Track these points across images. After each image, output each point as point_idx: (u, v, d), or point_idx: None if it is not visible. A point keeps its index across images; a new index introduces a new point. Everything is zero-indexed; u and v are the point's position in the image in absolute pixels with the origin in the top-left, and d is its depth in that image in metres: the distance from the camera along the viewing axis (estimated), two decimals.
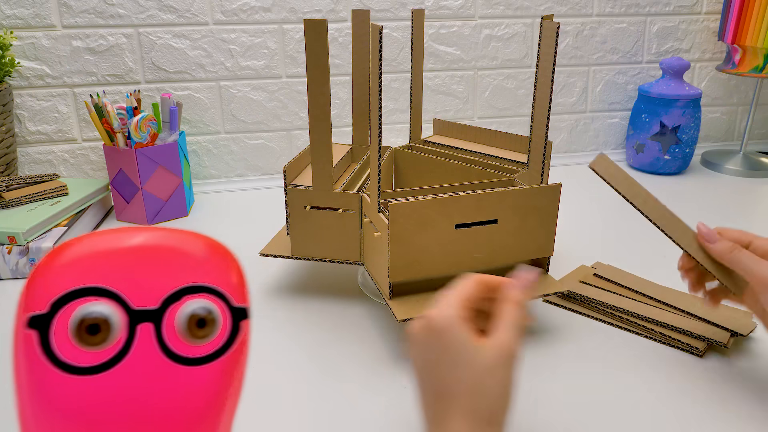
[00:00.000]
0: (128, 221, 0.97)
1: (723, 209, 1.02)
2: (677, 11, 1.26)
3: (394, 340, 0.65)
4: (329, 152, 0.65)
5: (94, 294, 0.23)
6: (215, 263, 0.27)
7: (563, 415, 0.54)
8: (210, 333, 0.25)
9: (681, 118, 1.15)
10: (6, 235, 0.78)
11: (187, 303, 0.25)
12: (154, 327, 0.24)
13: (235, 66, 1.10)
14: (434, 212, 0.60)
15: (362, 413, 0.55)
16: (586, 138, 1.31)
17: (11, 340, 0.24)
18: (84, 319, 0.23)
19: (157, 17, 1.05)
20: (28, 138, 1.07)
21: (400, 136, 1.21)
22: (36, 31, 1.01)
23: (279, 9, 1.08)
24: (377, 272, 0.65)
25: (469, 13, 1.16)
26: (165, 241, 0.26)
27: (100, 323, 0.23)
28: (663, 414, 0.54)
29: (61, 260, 0.24)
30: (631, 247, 0.87)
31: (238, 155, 1.16)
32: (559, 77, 1.25)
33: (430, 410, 0.41)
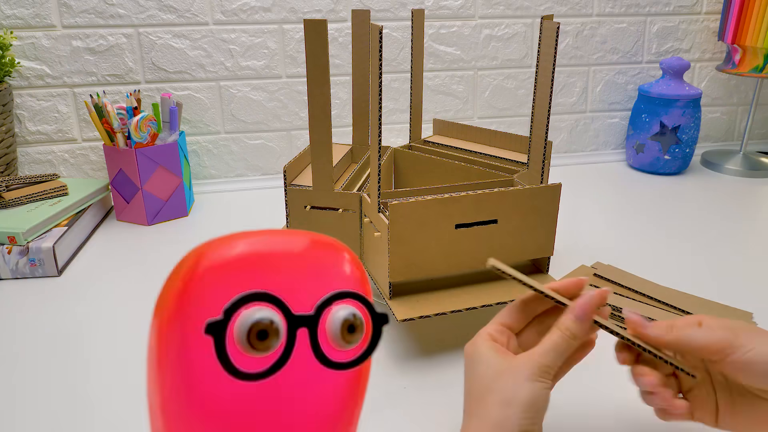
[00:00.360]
0: (128, 221, 0.97)
1: (723, 209, 1.02)
2: (677, 11, 1.26)
3: (394, 340, 0.65)
4: (329, 152, 0.65)
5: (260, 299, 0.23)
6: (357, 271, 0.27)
7: (563, 415, 0.54)
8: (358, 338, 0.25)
9: (681, 118, 1.15)
10: (6, 235, 0.78)
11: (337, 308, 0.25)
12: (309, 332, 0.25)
13: (235, 66, 1.10)
14: (434, 212, 0.60)
15: (362, 413, 0.55)
16: (586, 138, 1.31)
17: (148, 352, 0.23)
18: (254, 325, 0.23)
19: (157, 17, 1.05)
20: (28, 138, 1.07)
21: (400, 136, 1.21)
22: (36, 31, 1.01)
23: (279, 9, 1.08)
24: (377, 272, 0.65)
25: (469, 13, 1.16)
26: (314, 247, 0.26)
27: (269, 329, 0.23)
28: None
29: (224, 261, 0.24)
30: (631, 247, 0.87)
31: (238, 155, 1.16)
32: (559, 77, 1.25)
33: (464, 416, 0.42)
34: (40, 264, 0.79)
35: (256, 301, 0.23)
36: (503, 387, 0.40)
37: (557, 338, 0.42)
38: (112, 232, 0.94)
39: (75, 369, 0.61)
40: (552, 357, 0.41)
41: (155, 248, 0.88)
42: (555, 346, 0.41)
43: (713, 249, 0.86)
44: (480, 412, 0.40)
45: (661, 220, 0.97)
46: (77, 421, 0.54)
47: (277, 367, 0.24)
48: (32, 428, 0.53)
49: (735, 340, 0.40)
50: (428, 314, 0.59)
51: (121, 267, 0.83)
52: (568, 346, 0.42)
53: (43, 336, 0.67)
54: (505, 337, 0.45)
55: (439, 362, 0.61)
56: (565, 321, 0.43)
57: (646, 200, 1.06)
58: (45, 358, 0.63)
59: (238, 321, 0.23)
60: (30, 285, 0.78)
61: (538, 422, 0.39)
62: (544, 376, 0.40)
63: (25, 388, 0.58)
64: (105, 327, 0.69)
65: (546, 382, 0.40)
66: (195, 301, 0.23)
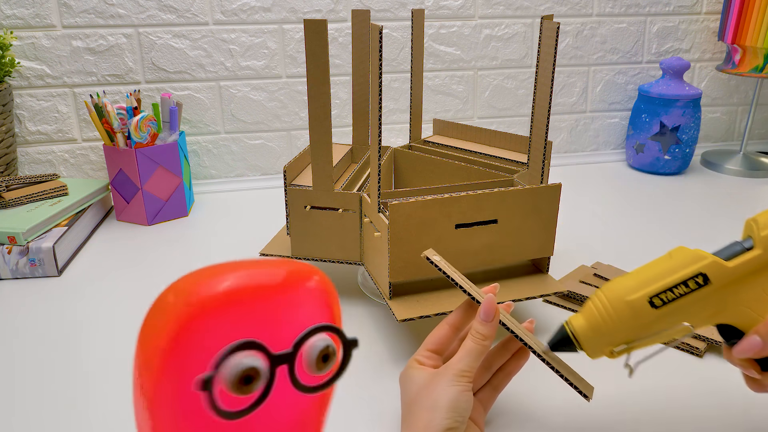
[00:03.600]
0: (128, 221, 0.97)
1: (723, 209, 1.02)
2: (677, 11, 1.26)
3: (394, 340, 0.65)
4: (329, 152, 0.65)
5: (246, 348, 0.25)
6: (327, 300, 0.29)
7: (563, 414, 0.54)
8: (331, 365, 0.28)
9: (681, 118, 1.15)
10: (6, 235, 0.78)
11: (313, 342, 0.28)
12: (288, 367, 0.27)
13: (235, 66, 1.10)
14: (434, 212, 0.60)
15: (362, 413, 0.55)
16: (586, 138, 1.31)
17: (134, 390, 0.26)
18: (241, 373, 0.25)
19: (157, 17, 1.05)
20: (28, 138, 1.07)
21: (400, 136, 1.21)
22: (36, 31, 1.01)
23: (279, 9, 1.08)
24: (377, 272, 0.65)
25: (469, 13, 1.16)
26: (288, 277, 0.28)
27: (252, 374, 0.25)
28: (663, 414, 0.54)
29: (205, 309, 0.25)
30: (631, 247, 0.87)
31: (238, 155, 1.16)
32: (559, 77, 1.25)
33: None
34: (40, 264, 0.79)
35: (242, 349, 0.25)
36: (428, 395, 0.45)
37: (469, 343, 0.46)
38: (112, 232, 0.94)
39: (75, 369, 0.61)
40: (467, 361, 0.46)
41: (155, 248, 0.88)
42: (469, 351, 0.46)
43: (713, 249, 0.86)
44: (411, 420, 0.45)
45: (661, 220, 0.97)
46: (77, 421, 0.54)
47: (258, 403, 0.26)
48: (32, 428, 0.53)
49: None
50: (428, 314, 0.59)
51: (121, 267, 0.83)
52: (481, 348, 0.46)
53: (43, 336, 0.67)
54: (432, 361, 0.49)
55: None
56: (475, 325, 0.47)
57: (646, 200, 1.06)
58: (45, 358, 0.63)
59: (225, 370, 0.25)
60: (30, 285, 0.78)
61: (461, 421, 0.44)
62: (462, 380, 0.45)
63: (25, 387, 0.58)
64: (105, 327, 0.69)
65: (465, 385, 0.45)
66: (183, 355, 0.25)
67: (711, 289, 0.43)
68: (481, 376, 0.51)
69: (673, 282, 0.44)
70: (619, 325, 0.44)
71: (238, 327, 0.26)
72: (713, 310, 0.44)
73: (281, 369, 0.27)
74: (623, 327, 0.44)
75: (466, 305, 0.51)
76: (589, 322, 0.46)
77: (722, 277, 0.43)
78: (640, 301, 0.44)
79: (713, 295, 0.43)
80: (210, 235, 0.92)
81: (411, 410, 0.46)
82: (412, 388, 0.47)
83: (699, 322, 0.44)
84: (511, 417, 0.54)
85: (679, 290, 0.43)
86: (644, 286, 0.44)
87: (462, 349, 0.47)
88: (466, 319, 0.51)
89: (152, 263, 0.84)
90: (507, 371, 0.52)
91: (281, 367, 0.27)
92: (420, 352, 0.50)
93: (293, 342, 0.27)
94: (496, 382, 0.52)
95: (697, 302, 0.43)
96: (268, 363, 0.26)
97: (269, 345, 0.26)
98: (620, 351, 0.45)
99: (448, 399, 0.44)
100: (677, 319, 0.44)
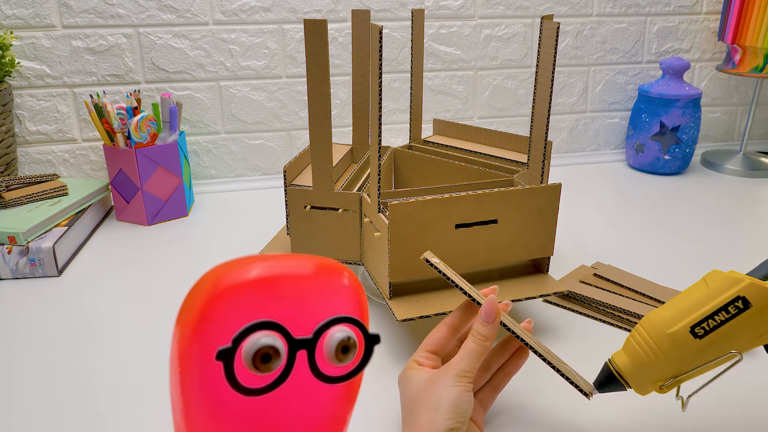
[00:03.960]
0: (128, 221, 0.97)
1: (723, 209, 1.02)
2: (677, 11, 1.26)
3: (394, 340, 0.65)
4: (329, 152, 0.65)
5: (266, 328, 0.27)
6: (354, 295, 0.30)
7: (563, 414, 0.54)
8: (350, 357, 0.29)
9: (681, 118, 1.15)
10: (6, 235, 0.78)
11: (334, 332, 0.29)
12: (308, 353, 0.29)
13: (235, 66, 1.10)
14: (434, 212, 0.60)
15: (362, 413, 0.55)
16: (586, 138, 1.31)
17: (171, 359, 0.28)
18: (260, 350, 0.27)
19: (157, 17, 1.05)
20: (28, 138, 1.07)
21: (400, 136, 1.21)
22: (36, 31, 1.01)
23: (279, 9, 1.08)
24: (377, 272, 0.65)
25: (469, 13, 1.16)
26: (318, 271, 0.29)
27: (271, 353, 0.27)
28: (663, 414, 0.54)
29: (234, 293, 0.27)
30: (631, 247, 0.87)
31: (238, 155, 1.16)
32: (559, 77, 1.25)
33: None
34: (40, 264, 0.79)
35: (262, 329, 0.27)
36: (429, 395, 0.45)
37: (470, 343, 0.46)
38: (112, 232, 0.94)
39: (75, 369, 0.61)
40: (468, 362, 0.46)
41: (155, 248, 0.88)
42: (469, 352, 0.46)
43: (713, 249, 0.86)
44: (413, 420, 0.45)
45: (661, 220, 0.97)
46: (77, 421, 0.54)
47: (277, 383, 0.28)
48: (32, 428, 0.53)
49: None
50: (428, 314, 0.59)
51: (121, 267, 0.83)
52: (482, 348, 0.46)
53: (43, 336, 0.67)
54: (431, 362, 0.49)
55: None
56: (475, 326, 0.47)
57: (646, 200, 1.06)
58: (45, 358, 0.63)
59: (245, 346, 0.27)
60: (30, 285, 0.78)
61: (463, 421, 0.44)
62: (463, 380, 0.45)
63: (25, 387, 0.58)
64: (105, 327, 0.69)
65: (466, 386, 0.45)
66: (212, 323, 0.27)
67: (752, 311, 0.42)
68: (480, 377, 0.51)
69: (713, 309, 0.43)
70: (664, 359, 0.44)
71: (263, 311, 0.28)
72: (759, 332, 0.43)
73: (301, 354, 0.28)
74: (668, 360, 0.44)
75: (465, 307, 0.51)
76: (632, 358, 0.45)
77: (761, 297, 0.42)
78: (682, 332, 0.43)
79: (755, 316, 0.42)
80: (210, 235, 0.92)
81: (412, 411, 0.46)
82: (412, 389, 0.47)
83: (745, 345, 0.43)
84: (510, 417, 0.54)
85: (720, 317, 0.43)
86: (684, 316, 0.44)
87: (462, 349, 0.47)
88: (465, 320, 0.51)
89: (152, 263, 0.84)
90: (506, 371, 0.52)
91: (301, 353, 0.28)
92: (419, 353, 0.50)
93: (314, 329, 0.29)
94: (496, 382, 0.52)
95: (740, 325, 0.42)
96: (288, 346, 0.28)
97: (292, 330, 0.28)
98: (669, 385, 0.45)
99: (450, 399, 0.44)
100: (722, 345, 0.43)
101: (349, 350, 0.29)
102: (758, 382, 0.58)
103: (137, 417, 0.54)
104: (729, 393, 0.56)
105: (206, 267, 0.84)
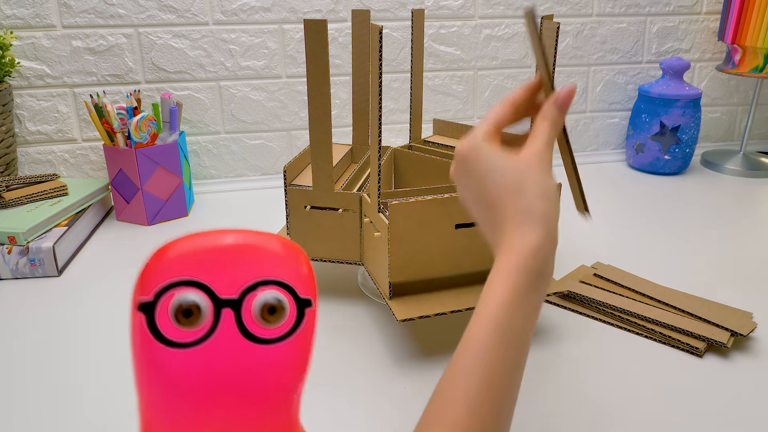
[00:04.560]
0: (128, 221, 0.97)
1: (723, 209, 1.02)
2: (677, 11, 1.26)
3: (394, 340, 0.65)
4: (329, 152, 0.65)
5: (188, 285, 0.29)
6: (287, 260, 0.32)
7: (563, 414, 0.54)
8: (279, 318, 0.30)
9: (681, 118, 1.15)
10: (6, 235, 0.78)
11: (261, 293, 0.30)
12: (234, 312, 0.30)
13: (235, 66, 1.10)
14: (434, 212, 0.60)
15: (363, 414, 0.55)
16: (586, 138, 1.31)
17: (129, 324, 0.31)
18: (180, 305, 0.29)
19: (157, 17, 1.05)
20: (28, 138, 1.07)
21: (400, 136, 1.21)
22: (36, 31, 1.01)
23: (279, 9, 1.08)
24: (377, 272, 0.65)
25: (469, 13, 1.16)
26: (245, 240, 0.31)
27: (193, 308, 0.29)
28: (663, 414, 0.54)
29: (164, 256, 0.30)
30: (631, 247, 0.87)
31: (238, 155, 1.16)
32: (559, 77, 1.25)
33: (488, 225, 0.45)
34: (40, 264, 0.79)
35: (184, 286, 0.29)
36: (535, 183, 0.42)
37: (549, 130, 0.45)
38: (112, 232, 0.94)
39: (75, 369, 0.61)
40: (551, 149, 0.44)
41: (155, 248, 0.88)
42: (549, 139, 0.44)
43: (713, 249, 0.86)
44: (520, 206, 0.42)
45: (661, 220, 0.97)
46: (77, 421, 0.54)
47: (204, 338, 0.30)
48: (32, 428, 0.53)
49: None
50: (428, 314, 0.59)
51: (121, 267, 0.83)
52: (555, 135, 0.45)
53: (43, 336, 0.67)
54: (498, 137, 0.46)
55: (440, 362, 0.61)
56: (552, 112, 0.45)
57: (646, 200, 1.06)
58: (45, 358, 0.63)
59: (171, 302, 0.29)
60: (30, 285, 0.78)
61: None
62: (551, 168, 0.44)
63: (25, 387, 0.58)
64: (105, 327, 0.69)
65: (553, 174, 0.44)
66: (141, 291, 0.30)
67: None
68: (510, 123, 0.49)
69: None
70: None
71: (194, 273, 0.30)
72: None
73: (227, 313, 0.30)
74: None
75: (530, 88, 0.48)
76: None
77: None
78: None
79: None
80: None
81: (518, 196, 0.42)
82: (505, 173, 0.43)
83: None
84: None
85: None
86: None
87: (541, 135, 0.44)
88: (528, 100, 0.48)
89: None
90: None
91: (227, 311, 0.30)
92: (487, 126, 0.46)
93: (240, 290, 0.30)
94: None
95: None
96: (212, 304, 0.30)
97: (221, 292, 0.30)
98: None
99: (555, 187, 0.43)
100: None
101: (276, 311, 0.30)
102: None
103: (136, 415, 0.54)
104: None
105: None
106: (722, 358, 0.61)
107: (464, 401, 0.37)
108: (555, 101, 0.45)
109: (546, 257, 0.41)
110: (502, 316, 0.39)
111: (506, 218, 0.43)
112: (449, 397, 0.38)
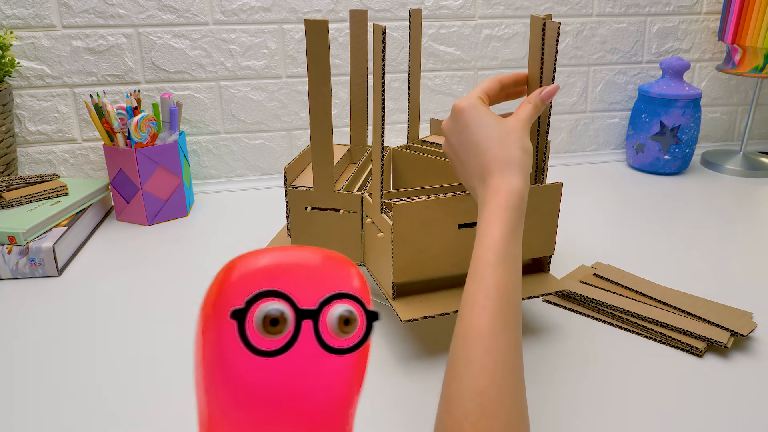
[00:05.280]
0: (128, 221, 0.97)
1: (723, 209, 1.02)
2: (677, 11, 1.26)
3: (397, 340, 0.65)
4: (330, 152, 0.65)
5: (274, 296, 0.31)
6: (355, 277, 0.35)
7: (563, 414, 0.54)
8: (351, 330, 0.32)
9: (681, 118, 1.15)
10: (6, 235, 0.78)
11: (336, 306, 0.32)
12: (313, 323, 0.32)
13: (235, 66, 1.10)
14: (437, 212, 0.60)
15: (363, 414, 0.55)
16: (586, 138, 1.31)
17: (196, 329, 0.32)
18: (267, 314, 0.30)
19: (157, 17, 1.05)
20: (28, 138, 1.07)
21: (399, 136, 1.21)
22: (36, 31, 1.01)
23: (279, 9, 1.08)
24: (380, 273, 0.65)
25: (469, 13, 1.16)
26: (322, 259, 0.34)
27: (279, 318, 0.30)
28: (663, 414, 0.54)
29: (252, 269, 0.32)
30: (631, 247, 0.87)
31: (238, 155, 1.16)
32: (559, 77, 1.25)
33: (473, 169, 0.55)
34: (40, 264, 0.79)
35: (270, 297, 0.31)
36: (518, 138, 0.53)
37: (531, 110, 0.56)
38: (112, 232, 0.94)
39: (75, 369, 0.61)
40: (530, 124, 0.56)
41: (155, 248, 0.88)
42: (531, 117, 0.56)
43: (713, 249, 0.87)
44: (505, 153, 0.52)
45: (661, 220, 0.97)
46: (77, 421, 0.54)
47: (286, 347, 0.31)
48: (32, 428, 0.53)
49: None
50: (432, 314, 0.59)
51: (121, 267, 0.83)
52: (536, 116, 0.57)
53: (43, 336, 0.67)
54: (488, 103, 0.58)
55: (443, 362, 0.61)
56: (536, 99, 0.57)
57: (646, 200, 1.06)
58: (45, 358, 0.63)
59: (256, 312, 0.30)
60: (30, 285, 0.78)
61: None
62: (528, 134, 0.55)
63: (25, 388, 0.58)
64: (105, 327, 0.69)
65: None
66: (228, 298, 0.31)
67: None
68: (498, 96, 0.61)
69: None
70: None
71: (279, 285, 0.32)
72: None
73: (307, 324, 0.32)
74: None
75: (519, 79, 0.61)
76: None
77: None
78: None
79: None
80: (210, 235, 0.92)
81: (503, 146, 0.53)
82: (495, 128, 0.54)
83: None
84: None
85: None
86: None
87: (525, 111, 0.56)
88: (512, 86, 0.61)
89: (152, 263, 0.84)
90: None
91: (307, 323, 0.32)
92: (480, 92, 0.57)
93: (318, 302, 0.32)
94: None
95: None
96: (294, 314, 0.31)
97: (300, 303, 0.32)
98: None
99: (531, 146, 0.54)
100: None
101: (350, 323, 0.32)
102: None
103: (137, 416, 0.54)
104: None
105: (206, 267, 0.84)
106: (722, 358, 0.62)
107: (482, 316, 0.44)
108: (540, 92, 0.57)
109: (525, 198, 0.51)
110: (504, 245, 0.47)
111: (491, 164, 0.52)
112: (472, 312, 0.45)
